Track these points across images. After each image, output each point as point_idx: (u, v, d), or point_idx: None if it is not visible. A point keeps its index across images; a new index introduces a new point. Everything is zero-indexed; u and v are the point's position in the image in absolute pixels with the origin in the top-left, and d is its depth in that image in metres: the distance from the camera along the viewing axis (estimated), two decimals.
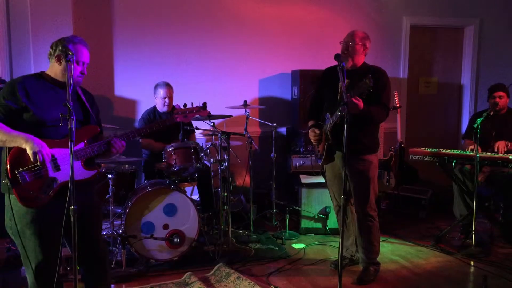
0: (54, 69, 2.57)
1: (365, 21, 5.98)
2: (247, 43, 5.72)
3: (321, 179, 4.78)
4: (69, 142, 2.24)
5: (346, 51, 3.52)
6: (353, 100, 3.17)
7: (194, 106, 2.92)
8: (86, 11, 5.13)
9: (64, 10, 4.80)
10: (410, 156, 4.54)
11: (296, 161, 5.23)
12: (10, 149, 2.41)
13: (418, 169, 5.47)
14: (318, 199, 4.66)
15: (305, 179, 4.81)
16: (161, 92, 4.68)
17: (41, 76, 2.57)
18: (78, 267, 2.41)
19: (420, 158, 4.47)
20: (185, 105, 2.94)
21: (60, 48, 2.52)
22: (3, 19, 4.88)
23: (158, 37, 5.41)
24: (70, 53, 2.44)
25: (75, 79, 2.54)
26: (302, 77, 5.48)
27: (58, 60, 2.54)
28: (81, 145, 2.53)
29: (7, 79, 4.76)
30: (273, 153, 4.85)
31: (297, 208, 4.74)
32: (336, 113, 3.32)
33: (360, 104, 3.22)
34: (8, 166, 2.39)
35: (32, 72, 4.40)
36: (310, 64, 5.68)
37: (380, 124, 3.81)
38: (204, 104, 2.93)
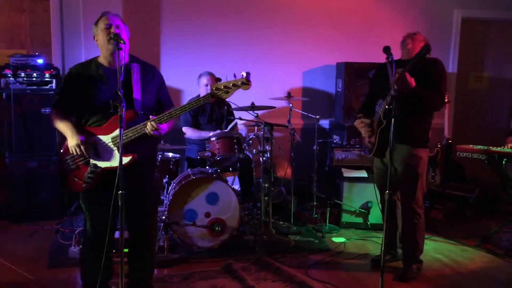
0: (101, 52, 2.66)
1: (414, 13, 5.86)
2: (292, 34, 5.70)
3: (363, 173, 4.74)
4: (119, 129, 2.30)
5: (403, 43, 3.54)
6: (406, 75, 3.13)
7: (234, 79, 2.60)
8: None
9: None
10: (458, 153, 4.42)
11: (339, 154, 5.18)
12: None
13: (464, 166, 5.33)
14: (360, 194, 4.61)
15: (347, 173, 4.77)
16: (204, 80, 4.75)
17: (92, 62, 2.67)
18: (125, 250, 2.49)
19: (468, 155, 4.35)
20: (219, 79, 2.69)
21: (93, 30, 2.66)
22: (56, 10, 5.04)
23: (205, 25, 5.46)
24: (112, 35, 2.48)
25: (106, 45, 2.56)
26: (347, 70, 5.42)
27: (95, 39, 2.65)
28: (117, 131, 2.56)
29: (60, 66, 4.95)
30: (315, 146, 4.82)
31: (338, 201, 4.71)
32: (388, 95, 3.24)
33: (413, 81, 3.17)
34: (61, 152, 2.63)
35: (83, 59, 4.58)
36: (356, 57, 5.60)
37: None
38: (247, 74, 2.59)
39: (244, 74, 2.57)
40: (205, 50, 5.48)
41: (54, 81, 4.61)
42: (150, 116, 2.59)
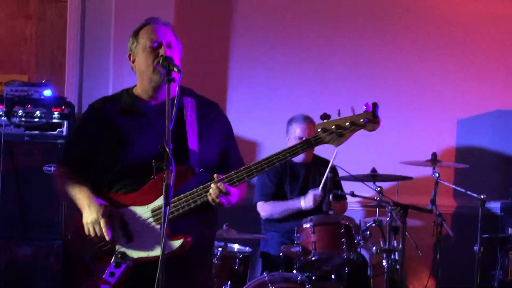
0: (138, 80, 2.73)
1: None
2: (439, 61, 5.73)
3: None
4: (163, 208, 2.26)
5: None
6: None
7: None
8: (189, 11, 5.50)
9: (165, 3, 5.16)
10: None
11: None
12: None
13: None
14: None
15: None
16: (297, 129, 4.75)
17: (124, 94, 2.75)
18: None
19: None
20: (327, 116, 2.53)
21: (129, 44, 2.72)
22: (76, 16, 5.32)
23: (296, 45, 5.66)
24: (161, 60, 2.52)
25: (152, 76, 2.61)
26: None
27: (131, 59, 2.72)
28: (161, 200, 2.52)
29: (75, 101, 5.14)
30: (477, 245, 4.66)
31: None
32: None
33: None
34: (71, 233, 2.66)
35: (110, 92, 4.75)
36: None
37: None
38: (374, 106, 2.56)
39: (370, 107, 2.51)
40: (294, 84, 5.63)
41: (65, 123, 4.75)
42: (215, 175, 2.54)
